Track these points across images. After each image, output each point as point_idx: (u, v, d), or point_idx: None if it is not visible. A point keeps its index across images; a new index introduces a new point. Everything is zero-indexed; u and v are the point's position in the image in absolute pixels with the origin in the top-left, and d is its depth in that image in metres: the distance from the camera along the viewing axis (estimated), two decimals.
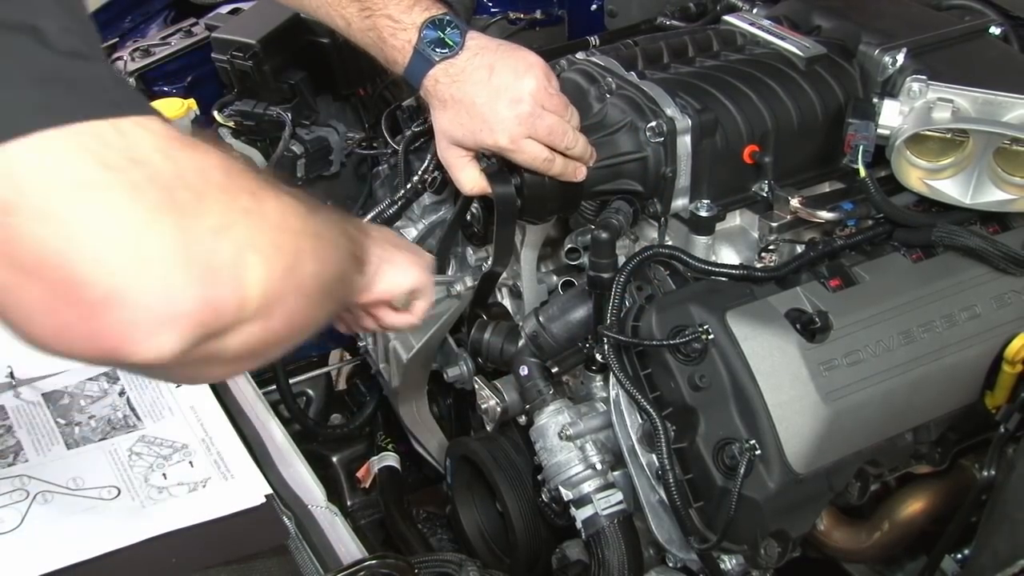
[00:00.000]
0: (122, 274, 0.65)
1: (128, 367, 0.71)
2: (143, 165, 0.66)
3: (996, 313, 1.31)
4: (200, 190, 0.70)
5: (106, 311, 0.65)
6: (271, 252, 0.75)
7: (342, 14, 1.34)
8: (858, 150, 1.33)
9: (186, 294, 0.67)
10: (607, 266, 1.32)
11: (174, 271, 0.67)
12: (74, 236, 0.63)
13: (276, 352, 0.85)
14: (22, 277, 0.64)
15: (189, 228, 0.68)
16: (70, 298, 0.64)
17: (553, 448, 1.40)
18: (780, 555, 1.22)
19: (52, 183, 0.63)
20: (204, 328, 0.70)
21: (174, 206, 0.67)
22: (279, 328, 0.79)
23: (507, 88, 1.27)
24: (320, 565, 1.12)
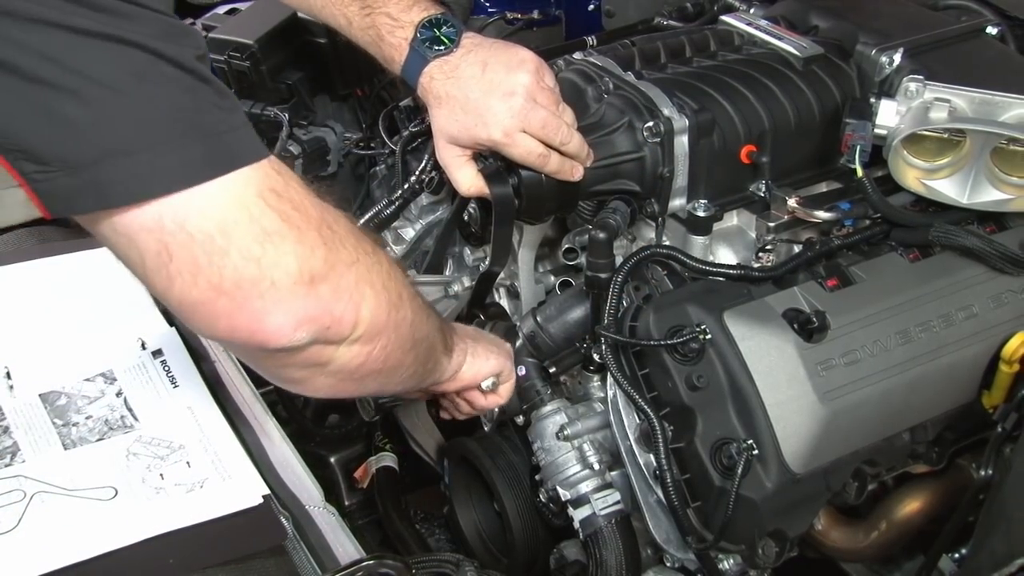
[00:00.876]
0: (288, 293, 0.89)
1: (268, 354, 0.94)
2: (301, 211, 0.91)
3: (993, 313, 1.31)
4: (339, 232, 0.95)
5: (269, 317, 0.89)
6: (381, 289, 0.99)
7: (344, 13, 1.37)
8: (855, 150, 1.33)
9: (321, 307, 0.92)
10: (605, 266, 1.32)
11: (319, 291, 0.91)
12: (264, 270, 0.87)
13: (369, 383, 1.07)
14: (217, 294, 0.87)
15: (333, 261, 0.93)
16: (246, 308, 0.88)
17: (551, 448, 1.40)
18: (778, 555, 1.22)
19: (249, 231, 0.86)
20: (325, 332, 0.94)
21: (324, 243, 0.92)
22: (376, 357, 1.02)
23: (500, 82, 1.28)
24: (318, 565, 1.12)
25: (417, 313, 1.10)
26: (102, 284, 1.47)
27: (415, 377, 1.19)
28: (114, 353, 1.35)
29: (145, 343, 1.37)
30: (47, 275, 1.48)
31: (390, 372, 1.09)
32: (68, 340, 1.36)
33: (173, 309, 0.92)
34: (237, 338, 0.91)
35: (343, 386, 1.06)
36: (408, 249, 1.74)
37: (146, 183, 0.82)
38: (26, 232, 1.70)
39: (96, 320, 1.40)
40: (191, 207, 0.84)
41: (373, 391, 1.14)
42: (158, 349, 1.36)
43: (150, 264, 0.87)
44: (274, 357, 0.96)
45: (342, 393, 1.09)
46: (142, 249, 0.86)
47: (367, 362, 1.03)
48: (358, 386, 1.09)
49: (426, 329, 1.14)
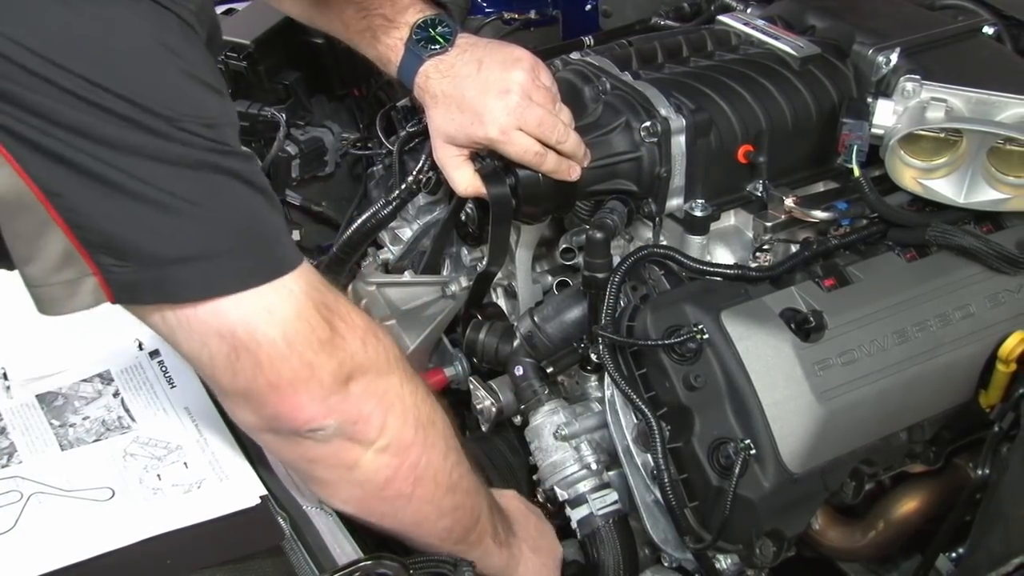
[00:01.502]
0: (329, 384, 1.00)
1: (298, 440, 1.03)
2: (348, 322, 1.01)
3: (990, 312, 1.31)
4: (382, 344, 1.05)
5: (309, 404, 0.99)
6: (411, 405, 1.07)
7: (340, 17, 1.37)
8: (852, 150, 1.33)
9: (350, 401, 1.02)
10: (602, 266, 1.32)
11: (351, 388, 1.01)
12: (314, 373, 0.98)
13: (399, 511, 1.12)
14: (271, 390, 0.98)
15: (367, 367, 1.03)
16: (292, 401, 0.99)
17: (548, 448, 1.40)
18: (775, 554, 1.22)
19: (308, 340, 0.97)
20: (351, 428, 1.02)
21: (365, 350, 1.02)
22: (404, 476, 1.08)
23: (495, 80, 1.28)
24: (315, 566, 1.12)
25: (460, 462, 1.16)
26: None
27: (452, 537, 1.19)
28: (111, 354, 1.35)
29: (142, 344, 1.36)
30: None
31: (421, 507, 1.12)
32: (65, 341, 1.36)
33: (227, 398, 1.04)
34: (278, 423, 1.01)
35: (371, 504, 1.12)
36: (405, 249, 1.74)
37: (207, 285, 0.93)
38: None
39: (93, 321, 1.39)
40: (260, 319, 0.95)
41: (405, 526, 1.15)
42: (155, 350, 1.36)
43: (220, 364, 0.97)
44: (302, 446, 1.04)
45: (372, 514, 1.13)
46: (214, 352, 0.96)
47: (394, 479, 1.08)
48: (387, 508, 1.12)
49: (470, 488, 1.18)
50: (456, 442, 1.15)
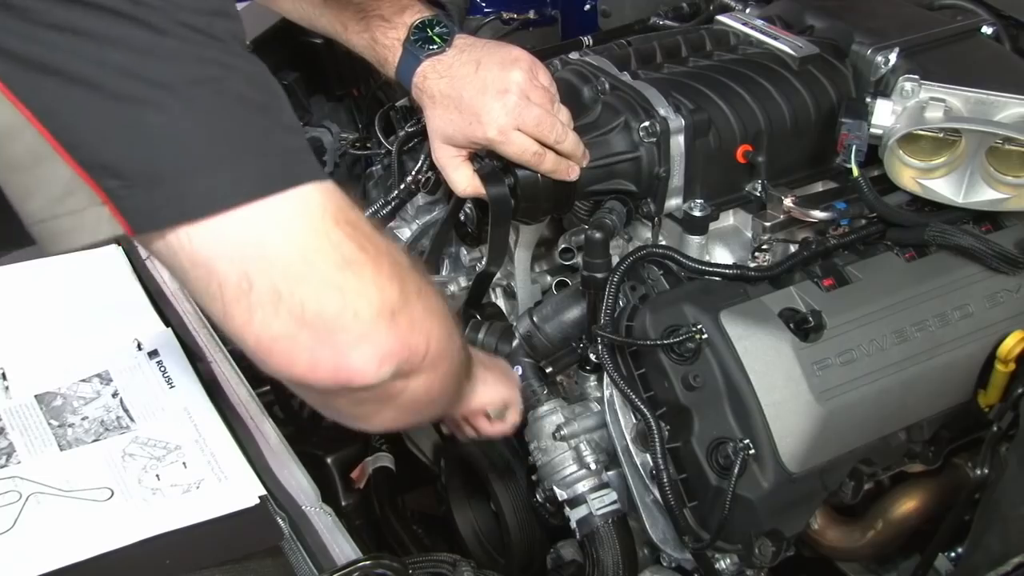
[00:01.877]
0: (371, 326, 0.87)
1: (348, 391, 0.91)
2: (374, 242, 0.89)
3: (989, 312, 1.31)
4: (403, 263, 0.93)
5: (353, 352, 0.87)
6: (443, 317, 0.98)
7: (339, 19, 1.37)
8: (851, 149, 1.33)
9: (401, 339, 0.90)
10: (601, 266, 1.32)
11: (399, 323, 0.90)
12: (347, 300, 0.86)
13: (427, 412, 1.09)
14: (299, 326, 0.85)
15: (407, 292, 0.91)
16: (329, 342, 0.86)
17: (547, 448, 1.40)
18: (774, 554, 1.22)
19: (330, 258, 0.85)
20: (402, 365, 0.92)
21: (398, 274, 0.91)
22: (437, 386, 1.02)
23: (494, 80, 1.28)
24: (314, 566, 1.12)
25: (460, 335, 1.10)
26: (98, 285, 1.47)
27: (452, 404, 1.19)
28: (110, 354, 1.35)
29: (141, 344, 1.36)
30: (43, 276, 1.47)
31: (443, 398, 1.09)
32: (64, 341, 1.36)
33: (251, 349, 0.89)
34: (319, 377, 0.89)
35: (404, 418, 1.06)
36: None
37: (225, 194, 0.83)
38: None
39: (92, 321, 1.40)
40: (272, 231, 0.84)
41: (426, 420, 1.13)
42: (154, 350, 1.36)
43: (229, 295, 0.85)
44: (353, 395, 0.94)
45: (400, 425, 1.09)
46: (222, 279, 0.85)
47: (430, 391, 1.01)
48: (418, 417, 1.08)
49: (466, 351, 1.15)
50: (449, 311, 1.07)
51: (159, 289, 1.49)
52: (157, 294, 1.47)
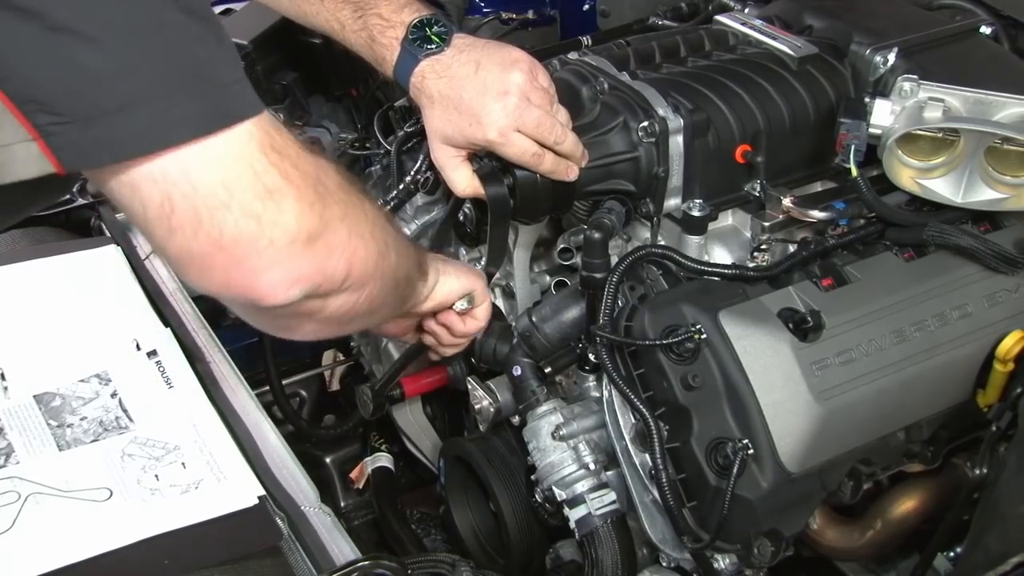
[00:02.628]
0: (285, 252, 0.90)
1: (259, 308, 0.94)
2: (299, 168, 0.91)
3: (987, 312, 1.32)
4: (330, 186, 0.95)
5: (264, 275, 0.90)
6: (370, 239, 1.00)
7: (337, 17, 1.37)
8: (850, 149, 1.33)
9: (315, 265, 0.93)
10: (600, 266, 1.32)
11: (315, 249, 0.92)
12: (263, 228, 0.88)
13: (355, 324, 1.10)
14: (215, 249, 0.88)
15: (328, 218, 0.93)
16: (243, 265, 0.89)
17: (546, 448, 1.40)
18: (773, 554, 1.22)
19: (252, 187, 0.87)
20: (317, 288, 0.95)
21: (320, 199, 0.92)
22: (363, 303, 1.03)
23: (493, 82, 1.28)
24: (313, 566, 1.12)
25: (400, 254, 1.10)
26: (96, 285, 1.47)
27: (395, 311, 1.22)
28: (109, 354, 1.35)
29: (140, 344, 1.36)
30: (41, 276, 1.47)
31: (374, 313, 1.11)
32: (62, 341, 1.36)
33: (170, 261, 0.93)
34: (231, 293, 0.93)
35: (329, 330, 1.08)
36: None
37: (161, 135, 0.83)
38: (20, 233, 1.70)
39: (90, 321, 1.40)
40: (197, 160, 0.85)
41: (356, 330, 1.17)
42: (153, 350, 1.36)
43: (152, 215, 0.87)
44: (268, 311, 0.96)
45: (326, 335, 1.11)
46: (145, 200, 0.86)
47: (354, 308, 1.04)
48: (343, 329, 1.11)
49: (407, 266, 1.16)
50: (394, 232, 1.10)
51: (158, 289, 1.49)
52: (156, 294, 1.47)
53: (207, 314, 1.49)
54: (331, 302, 1.00)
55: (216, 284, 0.92)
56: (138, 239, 1.63)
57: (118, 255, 1.52)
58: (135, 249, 1.58)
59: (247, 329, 2.06)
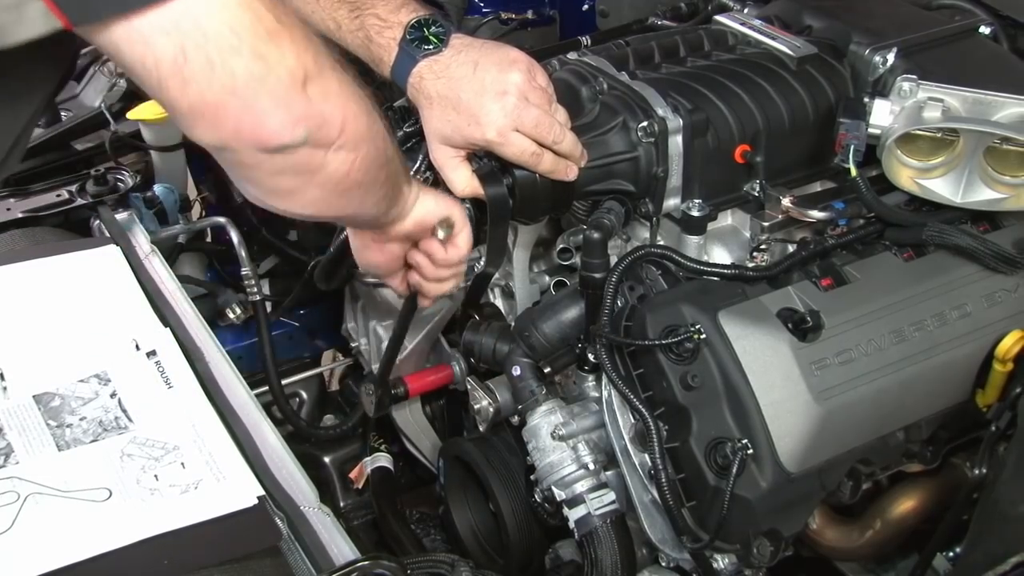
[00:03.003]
0: (286, 92, 0.94)
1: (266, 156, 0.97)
2: (289, 15, 0.94)
3: (987, 312, 1.32)
4: (316, 40, 0.98)
5: (271, 116, 0.94)
6: (359, 96, 1.03)
7: (333, 16, 1.37)
8: (849, 149, 1.33)
9: (313, 106, 0.96)
10: (599, 266, 1.32)
11: (311, 91, 0.95)
12: (270, 68, 0.92)
13: (352, 198, 1.10)
14: (229, 95, 0.91)
15: (321, 64, 0.96)
16: (253, 108, 0.93)
17: (546, 448, 1.40)
18: (772, 554, 1.22)
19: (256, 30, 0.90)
20: (316, 133, 0.98)
21: (311, 45, 0.96)
22: (359, 167, 1.06)
23: (492, 82, 1.28)
24: (313, 566, 1.12)
25: (386, 128, 1.13)
26: (96, 285, 1.47)
27: (386, 199, 1.19)
28: (108, 354, 1.34)
29: (139, 344, 1.36)
30: (41, 276, 1.47)
31: (369, 186, 1.11)
32: (62, 341, 1.36)
33: (182, 116, 0.94)
34: (241, 140, 0.95)
35: (330, 201, 1.09)
36: None
37: None
38: (20, 233, 1.70)
39: (90, 321, 1.40)
40: (205, 6, 0.88)
41: (353, 211, 1.15)
42: (152, 350, 1.36)
43: (165, 70, 0.89)
44: (271, 161, 0.99)
45: (328, 211, 1.11)
46: (158, 55, 0.88)
47: (351, 171, 1.05)
48: (342, 202, 1.10)
49: (392, 146, 1.16)
50: (375, 104, 1.11)
51: (157, 289, 1.49)
52: (155, 294, 1.47)
53: (206, 315, 1.49)
54: (331, 159, 1.02)
55: (227, 132, 0.94)
56: (137, 239, 1.63)
57: (117, 255, 1.52)
58: (134, 249, 1.58)
59: (246, 330, 2.06)
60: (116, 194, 1.80)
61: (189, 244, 2.02)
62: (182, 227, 1.91)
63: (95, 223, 1.71)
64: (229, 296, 1.97)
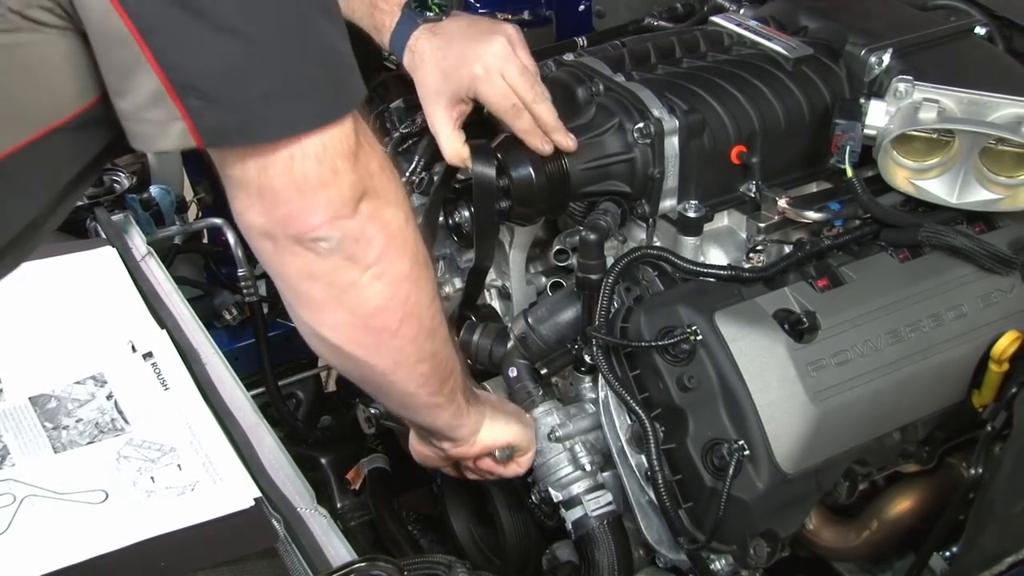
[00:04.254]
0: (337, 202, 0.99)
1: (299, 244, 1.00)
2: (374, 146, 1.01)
3: (982, 312, 1.32)
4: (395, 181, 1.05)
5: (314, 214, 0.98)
6: (411, 240, 1.07)
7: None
8: (845, 150, 1.34)
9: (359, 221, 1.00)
10: (595, 267, 1.32)
11: (361, 207, 1.00)
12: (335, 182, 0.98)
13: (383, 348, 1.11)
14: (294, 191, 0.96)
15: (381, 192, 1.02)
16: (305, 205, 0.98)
17: (542, 449, 1.40)
18: (769, 555, 1.22)
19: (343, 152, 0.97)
20: (353, 246, 1.01)
21: (384, 173, 1.03)
22: (394, 309, 1.07)
23: (484, 29, 1.36)
24: (309, 567, 1.11)
25: (441, 312, 1.17)
26: (92, 287, 1.47)
27: (429, 385, 1.19)
28: (104, 356, 1.34)
29: (135, 345, 1.36)
30: (37, 278, 1.47)
31: (404, 345, 1.11)
32: (58, 343, 1.36)
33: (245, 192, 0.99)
34: (285, 228, 1.00)
35: (357, 334, 1.09)
36: None
37: (291, 124, 0.93)
38: None
39: (86, 323, 1.40)
40: (317, 140, 0.95)
41: (386, 366, 1.14)
42: (148, 352, 1.36)
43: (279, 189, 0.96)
44: (304, 258, 1.02)
45: (356, 345, 1.10)
46: (270, 176, 0.95)
47: (385, 309, 1.07)
48: (371, 340, 1.10)
49: (447, 339, 1.19)
50: (438, 294, 1.16)
51: (153, 291, 1.48)
52: (151, 295, 1.46)
53: (202, 316, 1.49)
54: (363, 283, 1.04)
55: (276, 218, 0.99)
56: (134, 241, 1.63)
57: (114, 257, 1.52)
58: (130, 251, 1.58)
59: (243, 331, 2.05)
60: (112, 195, 1.80)
61: (185, 245, 2.02)
62: (178, 228, 1.91)
63: (91, 224, 1.71)
64: (226, 297, 1.97)
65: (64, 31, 0.92)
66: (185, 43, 0.88)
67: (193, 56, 0.89)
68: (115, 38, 0.88)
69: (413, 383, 1.17)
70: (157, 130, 0.92)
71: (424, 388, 1.18)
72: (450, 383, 1.22)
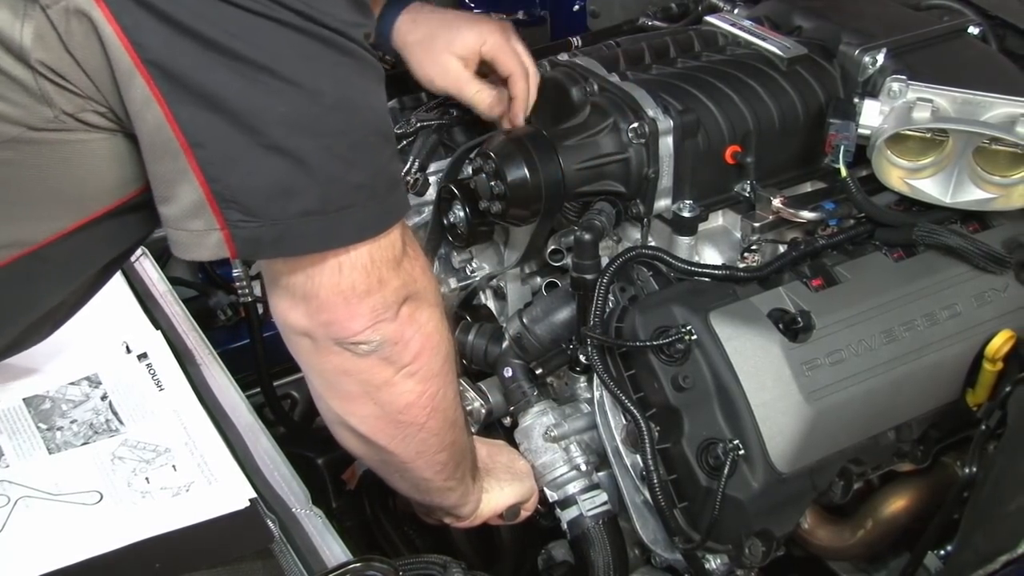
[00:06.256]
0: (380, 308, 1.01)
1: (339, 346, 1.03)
2: (418, 258, 1.06)
3: (976, 311, 1.32)
4: (433, 287, 1.10)
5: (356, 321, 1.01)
6: (446, 342, 1.12)
7: None
8: (839, 150, 1.34)
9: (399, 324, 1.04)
10: (590, 267, 1.32)
11: (403, 311, 1.04)
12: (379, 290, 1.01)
13: (409, 439, 1.14)
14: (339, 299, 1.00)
15: (422, 299, 1.06)
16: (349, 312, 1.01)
17: (538, 449, 1.40)
18: (764, 554, 1.23)
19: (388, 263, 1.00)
20: (392, 348, 1.04)
21: (428, 282, 1.08)
22: (423, 405, 1.11)
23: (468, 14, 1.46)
24: (305, 568, 1.11)
25: (460, 400, 1.22)
26: None
27: (445, 471, 1.24)
28: (99, 356, 1.34)
29: (130, 346, 1.36)
30: None
31: (428, 437, 1.15)
32: (52, 344, 1.35)
33: (290, 295, 1.02)
34: (327, 331, 1.02)
35: (384, 426, 1.13)
36: None
37: (328, 240, 0.95)
38: None
39: (80, 323, 1.39)
40: (356, 255, 0.98)
41: (408, 456, 1.18)
42: (143, 352, 1.35)
43: (324, 296, 0.99)
44: (341, 357, 1.04)
45: (381, 436, 1.14)
46: (316, 285, 0.98)
47: (414, 405, 1.11)
48: (397, 432, 1.14)
49: (464, 426, 1.24)
50: (457, 365, 1.21)
51: (148, 291, 1.48)
52: (146, 296, 1.46)
53: (197, 316, 1.49)
54: (397, 381, 1.08)
55: (318, 322, 1.01)
56: None
57: None
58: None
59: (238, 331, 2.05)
60: None
61: None
62: None
63: None
64: (221, 298, 1.97)
65: (114, 133, 0.93)
66: (232, 158, 0.89)
67: (239, 171, 0.90)
68: (164, 149, 0.89)
69: (431, 470, 1.22)
70: (195, 240, 0.93)
71: (440, 475, 1.23)
72: (463, 467, 1.27)
